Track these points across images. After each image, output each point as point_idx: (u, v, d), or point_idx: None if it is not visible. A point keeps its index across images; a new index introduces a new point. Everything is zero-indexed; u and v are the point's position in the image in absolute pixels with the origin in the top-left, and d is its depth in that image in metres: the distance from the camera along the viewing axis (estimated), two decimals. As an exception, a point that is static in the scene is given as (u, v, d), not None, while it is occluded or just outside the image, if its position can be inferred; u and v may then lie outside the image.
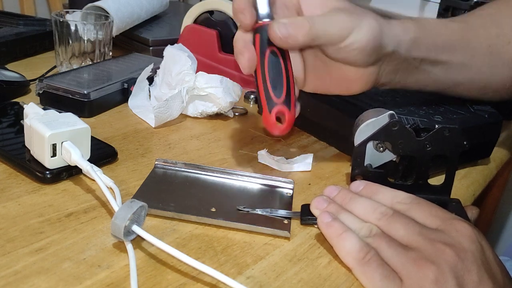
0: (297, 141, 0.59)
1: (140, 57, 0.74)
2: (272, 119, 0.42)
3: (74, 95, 0.57)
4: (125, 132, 0.55)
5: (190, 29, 0.72)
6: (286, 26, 0.42)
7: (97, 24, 0.69)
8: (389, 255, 0.36)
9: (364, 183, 0.44)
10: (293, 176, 0.50)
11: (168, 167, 0.47)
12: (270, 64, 0.43)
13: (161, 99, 0.58)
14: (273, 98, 0.42)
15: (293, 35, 0.42)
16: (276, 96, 0.42)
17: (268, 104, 0.42)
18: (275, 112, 0.42)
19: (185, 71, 0.58)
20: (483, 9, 0.56)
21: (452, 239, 0.36)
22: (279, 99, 0.42)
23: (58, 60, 0.70)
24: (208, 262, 0.36)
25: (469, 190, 0.55)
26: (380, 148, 0.46)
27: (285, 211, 0.42)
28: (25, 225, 0.37)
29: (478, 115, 0.55)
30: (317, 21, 0.42)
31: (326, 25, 0.43)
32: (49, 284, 0.32)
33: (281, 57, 0.43)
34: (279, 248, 0.39)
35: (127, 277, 0.33)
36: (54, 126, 0.43)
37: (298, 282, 0.35)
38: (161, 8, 0.93)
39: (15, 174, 0.44)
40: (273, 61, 0.43)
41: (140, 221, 0.37)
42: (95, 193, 0.43)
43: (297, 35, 0.42)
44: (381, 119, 0.46)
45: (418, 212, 0.39)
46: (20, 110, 0.53)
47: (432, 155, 0.45)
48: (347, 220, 0.39)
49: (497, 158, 0.63)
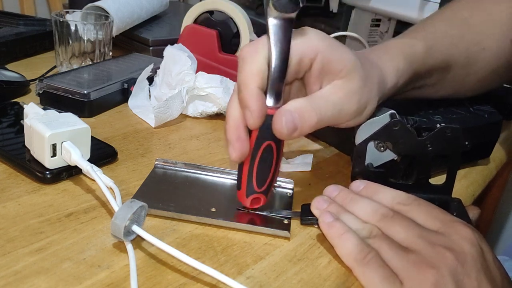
0: (297, 141, 0.59)
1: (140, 57, 0.74)
2: (246, 202, 0.41)
3: (74, 95, 0.57)
4: (125, 132, 0.55)
5: (190, 29, 0.72)
6: (293, 120, 0.38)
7: (97, 24, 0.69)
8: (390, 257, 0.36)
9: (364, 183, 0.44)
10: (293, 176, 0.49)
11: (168, 167, 0.47)
12: (262, 158, 0.39)
13: (161, 99, 0.58)
14: (254, 187, 0.40)
15: (299, 129, 0.38)
16: (258, 187, 0.40)
17: (247, 191, 0.40)
18: (252, 198, 0.40)
19: (185, 71, 0.58)
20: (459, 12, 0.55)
21: (452, 242, 0.36)
22: (260, 189, 0.40)
23: (58, 60, 0.70)
24: (208, 262, 0.36)
25: (468, 190, 0.55)
26: (381, 147, 0.46)
27: (285, 211, 0.42)
28: (25, 225, 0.37)
29: (478, 115, 0.55)
30: (325, 109, 0.40)
31: (334, 115, 0.40)
32: (49, 284, 0.32)
33: (276, 150, 0.39)
34: (279, 248, 0.39)
35: (127, 277, 0.33)
36: (54, 126, 0.43)
37: (298, 282, 0.35)
38: (161, 8, 0.93)
39: (15, 174, 0.44)
40: (266, 156, 0.39)
41: (140, 221, 0.37)
42: (95, 193, 0.43)
43: (303, 127, 0.39)
44: (382, 118, 0.46)
45: (418, 214, 0.39)
46: (20, 110, 0.53)
47: (433, 155, 0.45)
48: (348, 220, 0.39)
49: (497, 158, 0.63)
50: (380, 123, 0.45)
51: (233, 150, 0.38)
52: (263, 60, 0.38)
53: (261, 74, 0.37)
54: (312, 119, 0.39)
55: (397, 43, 0.49)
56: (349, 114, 0.41)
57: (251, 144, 0.39)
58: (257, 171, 0.39)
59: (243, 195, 0.41)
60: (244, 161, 0.39)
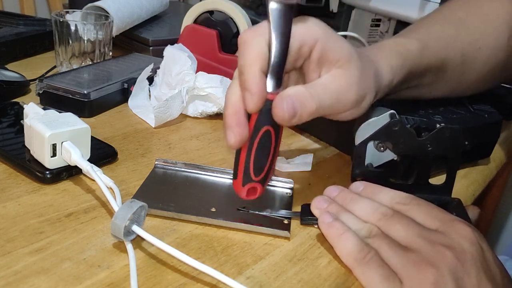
0: (297, 141, 0.59)
1: (140, 57, 0.74)
2: (243, 192, 0.39)
3: (74, 95, 0.57)
4: (125, 132, 0.55)
5: (190, 29, 0.72)
6: (294, 106, 0.38)
7: (97, 24, 0.69)
8: (389, 256, 0.36)
9: (364, 184, 0.44)
10: (293, 176, 0.49)
11: (168, 167, 0.47)
12: (260, 144, 0.38)
13: (161, 99, 0.58)
14: (251, 175, 0.39)
15: (298, 115, 0.38)
16: (254, 175, 0.39)
17: (244, 179, 0.39)
18: (248, 187, 0.39)
19: (185, 71, 0.58)
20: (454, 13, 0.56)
21: (452, 241, 0.36)
22: (257, 177, 0.39)
23: (58, 60, 0.70)
24: (208, 262, 0.36)
25: (469, 190, 0.55)
26: (381, 147, 0.46)
27: (285, 211, 0.42)
28: (25, 225, 0.37)
29: (478, 115, 0.55)
30: (323, 96, 0.40)
31: (332, 101, 0.40)
32: (49, 284, 0.32)
33: (274, 136, 0.39)
34: (279, 248, 0.39)
35: (127, 277, 0.33)
36: (54, 126, 0.43)
37: (298, 282, 0.35)
38: (161, 8, 0.93)
39: (15, 174, 0.44)
40: (264, 142, 0.38)
41: (140, 221, 0.37)
42: (95, 193, 0.43)
43: (303, 114, 0.38)
44: (381, 118, 0.46)
45: (418, 213, 0.39)
46: (20, 110, 0.53)
47: (433, 155, 0.45)
48: (347, 220, 0.40)
49: (497, 158, 0.63)
50: (380, 123, 0.45)
51: (232, 135, 0.37)
52: (265, 43, 0.37)
53: (263, 56, 0.37)
54: (311, 105, 0.39)
55: (391, 42, 0.49)
56: (347, 104, 0.41)
57: (250, 129, 0.38)
58: (254, 157, 0.39)
59: (239, 184, 0.39)
60: (242, 147, 0.39)
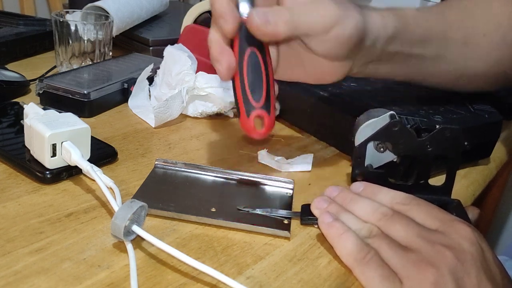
0: (297, 141, 0.59)
1: (140, 57, 0.74)
2: (250, 124, 0.40)
3: (74, 95, 0.57)
4: (125, 132, 0.55)
5: (190, 29, 0.72)
6: (265, 14, 0.40)
7: (97, 24, 0.69)
8: (389, 256, 0.36)
9: (364, 184, 0.44)
10: (293, 176, 0.50)
11: (168, 167, 0.47)
12: (249, 66, 0.40)
13: (161, 99, 0.58)
14: (251, 102, 0.39)
15: (273, 23, 0.39)
16: (254, 100, 0.39)
17: (246, 108, 0.40)
18: (254, 117, 0.40)
19: (185, 71, 0.58)
20: (460, 1, 0.56)
21: (452, 241, 0.36)
22: (258, 103, 0.39)
23: (58, 60, 0.70)
24: (208, 262, 0.36)
25: (469, 190, 0.55)
26: (381, 148, 0.46)
27: (285, 211, 0.42)
28: (25, 225, 0.37)
29: (478, 115, 0.55)
30: (298, 10, 0.41)
31: (307, 15, 0.41)
32: (49, 284, 0.32)
33: (262, 58, 0.41)
34: (279, 248, 0.39)
35: (127, 277, 0.33)
36: (54, 126, 0.43)
37: (298, 282, 0.35)
38: (161, 8, 0.93)
39: (15, 174, 0.44)
40: (253, 62, 0.40)
41: (140, 221, 0.37)
42: (95, 193, 0.43)
43: (277, 22, 0.40)
44: (381, 119, 0.46)
45: (418, 213, 0.39)
46: (20, 110, 0.53)
47: (433, 155, 0.45)
48: (347, 220, 0.40)
49: (497, 158, 0.63)
50: (380, 124, 0.45)
51: (220, 65, 0.40)
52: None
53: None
54: (284, 14, 0.40)
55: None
56: (325, 17, 0.41)
57: (235, 56, 0.40)
58: (248, 81, 0.40)
59: (244, 117, 0.40)
60: (234, 77, 0.40)
